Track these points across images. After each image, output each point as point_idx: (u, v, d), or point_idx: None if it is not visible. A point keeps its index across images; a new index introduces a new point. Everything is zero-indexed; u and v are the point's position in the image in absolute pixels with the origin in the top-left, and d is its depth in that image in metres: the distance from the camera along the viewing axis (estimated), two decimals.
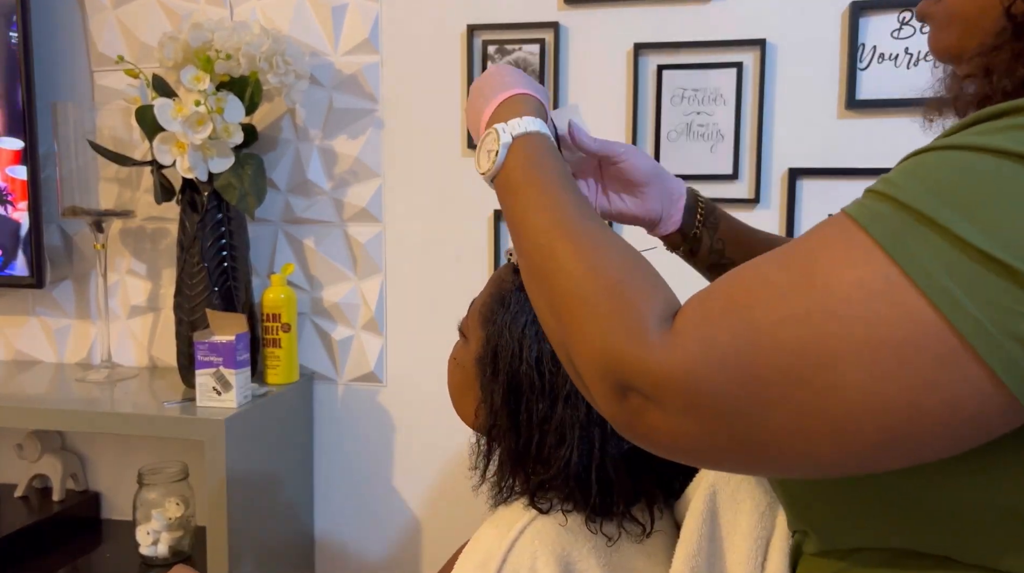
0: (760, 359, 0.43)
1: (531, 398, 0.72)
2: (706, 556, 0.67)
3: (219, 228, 1.34)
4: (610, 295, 0.49)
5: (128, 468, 1.53)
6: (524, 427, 0.72)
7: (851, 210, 0.47)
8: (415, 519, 1.50)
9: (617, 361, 0.47)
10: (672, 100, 1.32)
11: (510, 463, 0.74)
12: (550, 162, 0.62)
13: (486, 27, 1.37)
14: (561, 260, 0.53)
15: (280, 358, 1.39)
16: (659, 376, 0.45)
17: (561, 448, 0.71)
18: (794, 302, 0.43)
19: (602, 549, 0.71)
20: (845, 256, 0.44)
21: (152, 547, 1.36)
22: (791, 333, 0.43)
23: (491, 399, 0.74)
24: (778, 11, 1.28)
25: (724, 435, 0.44)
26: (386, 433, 1.49)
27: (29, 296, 1.59)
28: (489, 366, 0.75)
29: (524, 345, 0.72)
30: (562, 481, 0.71)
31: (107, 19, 1.49)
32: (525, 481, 0.73)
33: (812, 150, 1.29)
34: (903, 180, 0.45)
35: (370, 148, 1.43)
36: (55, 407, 1.27)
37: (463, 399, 0.81)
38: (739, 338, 0.44)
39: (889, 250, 0.42)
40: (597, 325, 0.48)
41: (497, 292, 0.78)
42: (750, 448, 0.45)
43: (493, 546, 0.70)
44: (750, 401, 0.43)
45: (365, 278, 1.47)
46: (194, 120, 1.23)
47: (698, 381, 0.44)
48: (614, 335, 0.47)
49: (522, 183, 0.61)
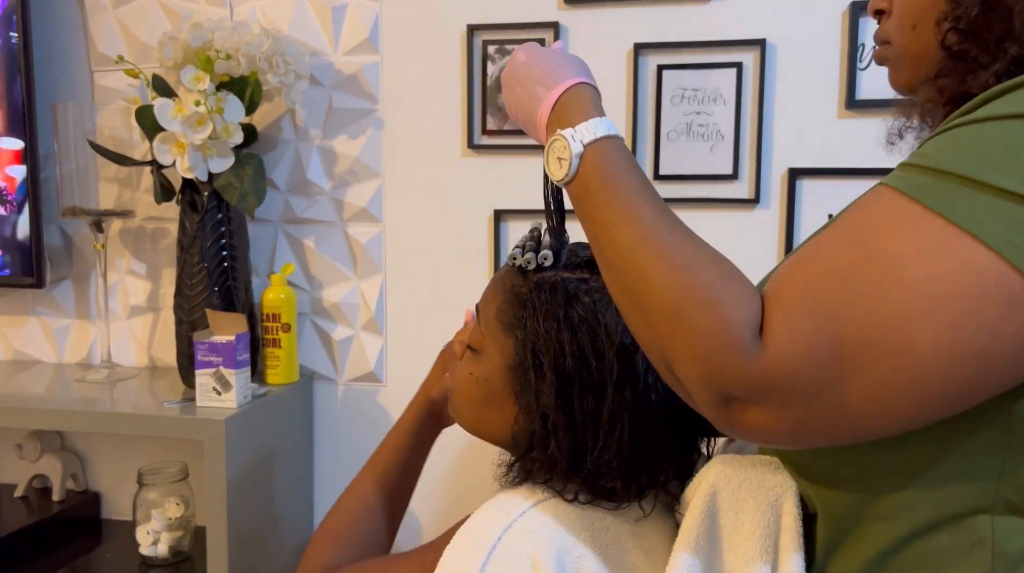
0: (841, 339, 0.47)
1: (581, 392, 0.72)
2: (705, 554, 0.67)
3: (219, 228, 1.34)
4: (702, 309, 0.52)
5: (128, 468, 1.53)
6: (580, 421, 0.72)
7: (894, 183, 0.50)
8: (415, 519, 1.50)
9: (719, 374, 0.51)
10: (672, 100, 1.32)
11: (567, 460, 0.72)
12: (627, 169, 0.62)
13: (486, 27, 1.37)
14: (652, 277, 0.55)
15: (280, 358, 1.38)
16: (758, 382, 0.49)
17: (614, 433, 0.71)
18: (862, 280, 0.47)
19: (599, 541, 0.71)
20: (899, 226, 0.48)
21: (152, 547, 1.36)
22: (865, 308, 0.46)
23: (537, 402, 0.73)
24: (778, 11, 1.28)
25: (817, 416, 0.49)
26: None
27: (29, 296, 1.59)
28: (532, 369, 0.73)
29: (564, 341, 0.72)
30: (616, 463, 0.71)
31: (107, 19, 1.49)
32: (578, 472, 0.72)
33: (812, 150, 1.29)
34: (940, 153, 0.49)
35: (370, 148, 1.43)
36: (55, 407, 1.27)
37: (485, 413, 0.79)
38: (820, 327, 0.48)
39: (943, 212, 0.46)
40: (696, 342, 0.52)
41: (511, 297, 0.77)
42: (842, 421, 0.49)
43: (489, 527, 0.70)
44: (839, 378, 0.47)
45: (365, 278, 1.47)
46: (194, 120, 1.23)
47: (791, 376, 0.48)
48: (716, 353, 0.51)
49: (600, 195, 0.61)
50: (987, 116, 0.49)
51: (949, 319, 0.45)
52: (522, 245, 0.80)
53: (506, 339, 0.76)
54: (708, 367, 0.51)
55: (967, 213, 0.45)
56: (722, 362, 0.50)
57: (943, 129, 0.51)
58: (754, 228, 1.32)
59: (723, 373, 0.50)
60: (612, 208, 0.59)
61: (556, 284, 0.75)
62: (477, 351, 0.80)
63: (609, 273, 0.60)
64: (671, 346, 0.53)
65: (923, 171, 0.49)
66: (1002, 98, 0.49)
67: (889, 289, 0.46)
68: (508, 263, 0.81)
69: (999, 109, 0.49)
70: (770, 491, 0.66)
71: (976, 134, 0.48)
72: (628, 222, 0.58)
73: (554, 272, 0.76)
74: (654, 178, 1.34)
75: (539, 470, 0.75)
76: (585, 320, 0.72)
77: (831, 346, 0.47)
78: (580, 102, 0.67)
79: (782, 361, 0.48)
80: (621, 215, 0.59)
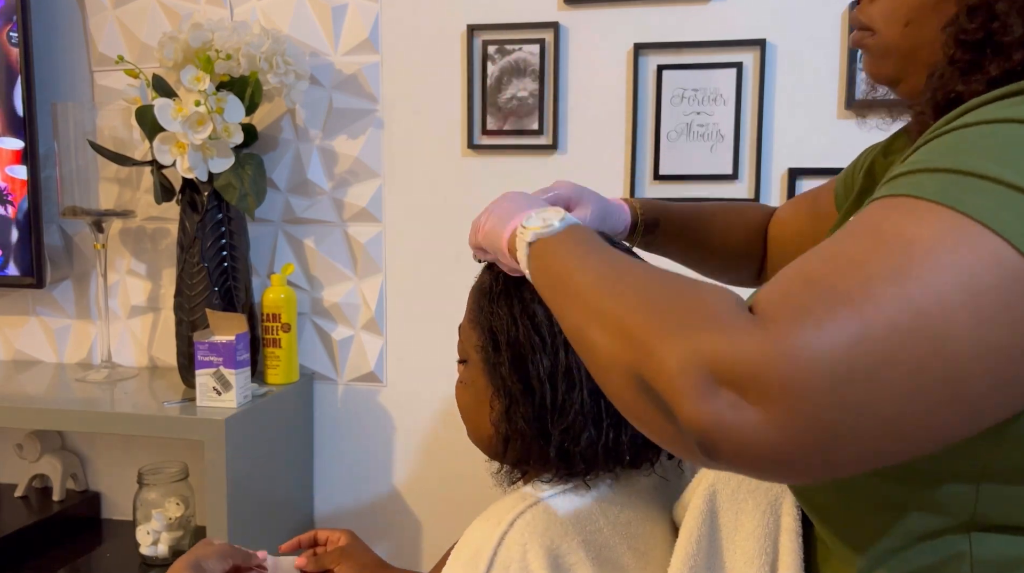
0: (863, 324, 0.39)
1: (535, 356, 0.74)
2: (705, 556, 0.67)
3: (219, 228, 1.34)
4: (678, 297, 0.45)
5: (128, 468, 1.53)
6: (537, 385, 0.74)
7: (887, 192, 0.46)
8: (415, 519, 1.50)
9: (705, 351, 0.41)
10: (672, 100, 1.32)
11: (531, 428, 0.75)
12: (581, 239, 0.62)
13: (486, 27, 1.37)
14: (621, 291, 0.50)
15: (280, 358, 1.39)
16: (758, 359, 0.39)
17: (574, 391, 0.73)
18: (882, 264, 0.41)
19: (591, 544, 0.71)
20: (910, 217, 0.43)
21: (152, 547, 1.36)
22: (891, 290, 0.40)
23: (500, 377, 0.76)
24: (778, 11, 1.28)
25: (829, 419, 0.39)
26: (386, 433, 1.49)
27: (29, 296, 1.59)
28: (491, 348, 0.77)
29: (515, 313, 0.76)
30: (581, 423, 0.73)
31: (107, 19, 1.49)
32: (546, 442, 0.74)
33: (812, 150, 1.29)
34: (933, 156, 0.46)
35: (370, 148, 1.43)
36: (55, 407, 1.27)
37: (478, 415, 0.80)
38: (836, 311, 0.40)
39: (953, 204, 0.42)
40: (674, 326, 0.43)
41: (478, 294, 0.82)
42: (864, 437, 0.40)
43: (483, 541, 0.70)
44: (865, 380, 0.39)
45: (365, 278, 1.47)
46: (194, 120, 1.23)
47: (806, 366, 0.39)
48: (697, 328, 0.42)
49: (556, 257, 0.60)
50: (977, 121, 0.46)
51: (983, 311, 0.40)
52: None
53: (477, 334, 0.79)
54: (689, 347, 0.42)
55: (978, 205, 0.41)
56: (708, 336, 0.41)
57: (925, 140, 0.48)
58: None
59: (705, 344, 0.41)
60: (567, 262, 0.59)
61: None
62: (464, 361, 0.83)
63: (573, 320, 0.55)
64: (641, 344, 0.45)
65: (918, 173, 0.45)
66: (989, 105, 0.47)
67: (914, 272, 0.40)
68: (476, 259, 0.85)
69: (989, 114, 0.46)
70: (769, 491, 0.66)
71: (968, 136, 0.45)
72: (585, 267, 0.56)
73: None
74: (654, 178, 1.34)
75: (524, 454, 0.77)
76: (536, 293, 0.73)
77: (849, 332, 0.39)
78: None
79: (790, 343, 0.39)
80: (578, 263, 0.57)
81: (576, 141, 1.37)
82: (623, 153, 1.35)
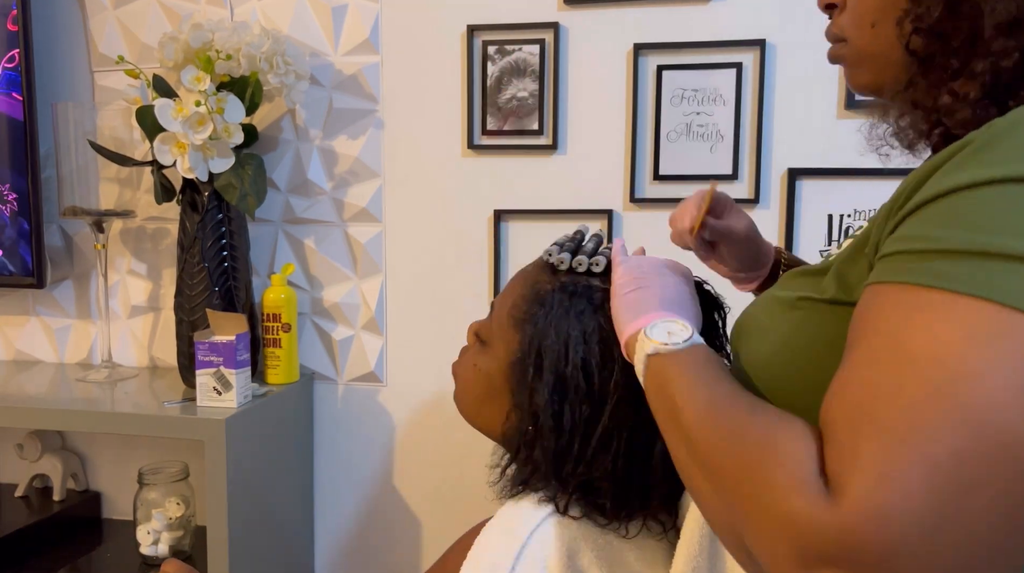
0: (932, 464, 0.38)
1: (575, 401, 0.70)
2: (707, 557, 0.67)
3: (219, 228, 1.34)
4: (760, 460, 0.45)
5: (128, 468, 1.53)
6: (569, 428, 0.70)
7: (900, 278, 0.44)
8: (415, 519, 1.50)
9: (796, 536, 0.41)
10: (672, 100, 1.32)
11: (548, 464, 0.71)
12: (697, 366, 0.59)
13: (486, 27, 1.37)
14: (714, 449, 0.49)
15: (280, 358, 1.39)
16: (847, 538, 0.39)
17: (606, 454, 0.69)
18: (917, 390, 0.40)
19: (604, 559, 0.71)
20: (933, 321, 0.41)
21: (152, 547, 1.36)
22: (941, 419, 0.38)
23: (530, 400, 0.72)
24: (778, 11, 1.28)
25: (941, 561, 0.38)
26: (386, 433, 1.50)
27: (29, 296, 1.59)
28: (532, 367, 0.72)
29: (570, 346, 0.70)
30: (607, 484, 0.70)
31: (107, 19, 1.49)
32: (562, 481, 0.71)
33: (812, 150, 1.29)
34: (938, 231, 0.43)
35: (370, 148, 1.44)
36: (55, 407, 1.27)
37: (485, 406, 0.78)
38: (910, 465, 0.38)
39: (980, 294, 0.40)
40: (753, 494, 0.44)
41: (531, 293, 0.75)
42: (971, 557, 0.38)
43: (501, 554, 0.69)
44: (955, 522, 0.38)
45: (365, 278, 1.47)
46: (194, 120, 1.23)
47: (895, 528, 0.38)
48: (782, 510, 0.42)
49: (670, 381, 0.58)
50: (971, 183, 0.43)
51: None
52: (560, 243, 0.78)
53: (514, 334, 0.75)
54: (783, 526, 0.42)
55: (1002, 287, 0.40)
56: (791, 510, 0.41)
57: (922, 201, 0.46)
58: None
59: (802, 531, 0.40)
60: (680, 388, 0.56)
61: (581, 289, 0.73)
62: (485, 343, 0.79)
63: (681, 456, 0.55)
64: (736, 511, 0.46)
65: (929, 256, 0.43)
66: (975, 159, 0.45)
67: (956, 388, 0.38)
68: (541, 258, 0.79)
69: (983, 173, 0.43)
70: None
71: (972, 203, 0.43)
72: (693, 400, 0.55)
73: (585, 278, 0.74)
74: (654, 178, 1.34)
75: (531, 475, 0.74)
76: (601, 329, 0.70)
77: (919, 477, 0.38)
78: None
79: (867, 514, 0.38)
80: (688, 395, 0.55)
81: (576, 141, 1.37)
82: (623, 153, 1.35)
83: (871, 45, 0.58)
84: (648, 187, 1.35)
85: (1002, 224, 0.42)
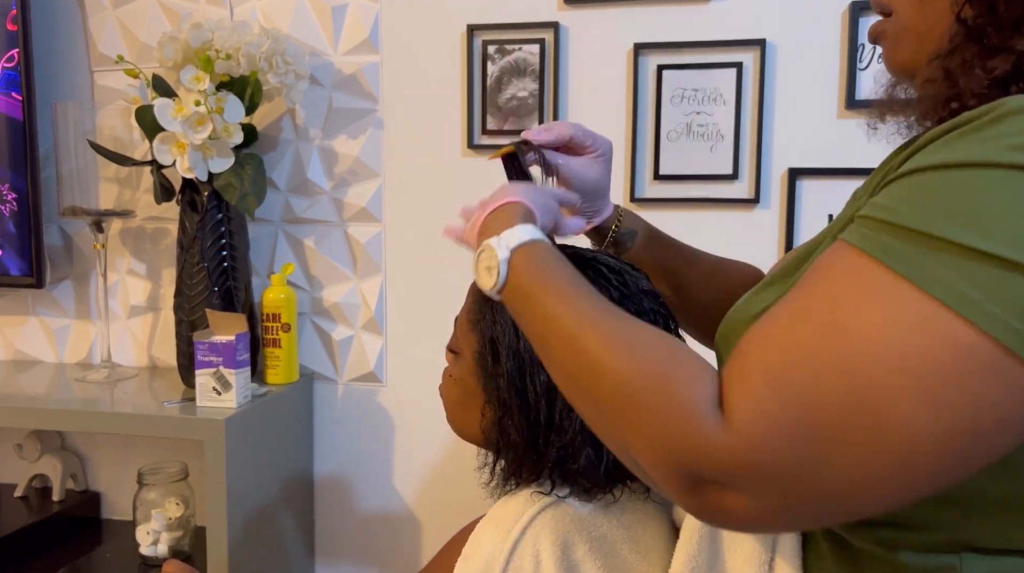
0: (814, 419, 0.44)
1: (534, 371, 0.73)
2: (707, 556, 0.67)
3: (219, 228, 1.34)
4: (659, 392, 0.49)
5: (128, 468, 1.53)
6: (533, 400, 0.73)
7: (856, 241, 0.47)
8: (415, 519, 1.50)
9: (685, 458, 0.47)
10: (672, 100, 1.32)
11: (524, 442, 0.74)
12: (555, 267, 0.61)
13: (486, 27, 1.37)
14: (599, 365, 0.52)
15: (280, 358, 1.38)
16: (728, 463, 0.45)
17: (573, 410, 0.71)
18: (829, 356, 0.44)
19: (598, 551, 0.71)
20: (867, 295, 0.45)
21: (152, 547, 1.36)
22: (835, 386, 0.44)
23: (496, 387, 0.75)
24: (778, 11, 1.28)
25: (799, 500, 0.45)
26: (386, 433, 1.49)
27: (29, 296, 1.59)
28: (490, 357, 0.76)
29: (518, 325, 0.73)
30: (580, 443, 0.72)
31: (107, 19, 1.49)
32: (540, 455, 0.73)
33: (812, 150, 1.29)
34: (904, 206, 0.46)
35: (370, 148, 1.43)
36: (55, 407, 1.27)
37: (465, 413, 0.80)
38: (788, 405, 0.44)
39: (912, 279, 0.43)
40: (656, 426, 0.48)
41: (479, 296, 0.80)
42: (824, 504, 0.45)
43: (494, 549, 0.69)
44: (816, 461, 0.44)
45: (365, 278, 1.47)
46: (194, 120, 1.23)
47: (764, 456, 0.45)
48: (676, 434, 0.47)
49: (533, 293, 0.60)
50: (953, 162, 0.46)
51: (927, 394, 0.42)
52: None
53: (473, 336, 0.79)
54: (668, 450, 0.48)
55: (936, 278, 0.43)
56: (683, 443, 0.47)
57: (907, 171, 0.48)
58: (754, 228, 1.32)
59: (685, 455, 0.47)
60: (547, 305, 0.58)
61: None
62: (456, 353, 0.83)
63: (556, 369, 0.58)
64: (628, 433, 0.51)
65: (886, 228, 0.46)
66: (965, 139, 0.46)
67: (862, 368, 0.43)
68: None
69: (966, 154, 0.45)
70: None
71: (941, 185, 0.46)
72: (566, 314, 0.56)
73: None
74: (654, 178, 1.34)
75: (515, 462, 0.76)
76: None
77: (803, 427, 0.44)
78: (508, 215, 0.66)
79: (750, 443, 0.45)
80: (558, 309, 0.57)
81: None
82: (623, 153, 1.35)
83: (917, 20, 0.59)
84: (648, 187, 1.35)
85: (956, 210, 0.44)
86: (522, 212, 0.67)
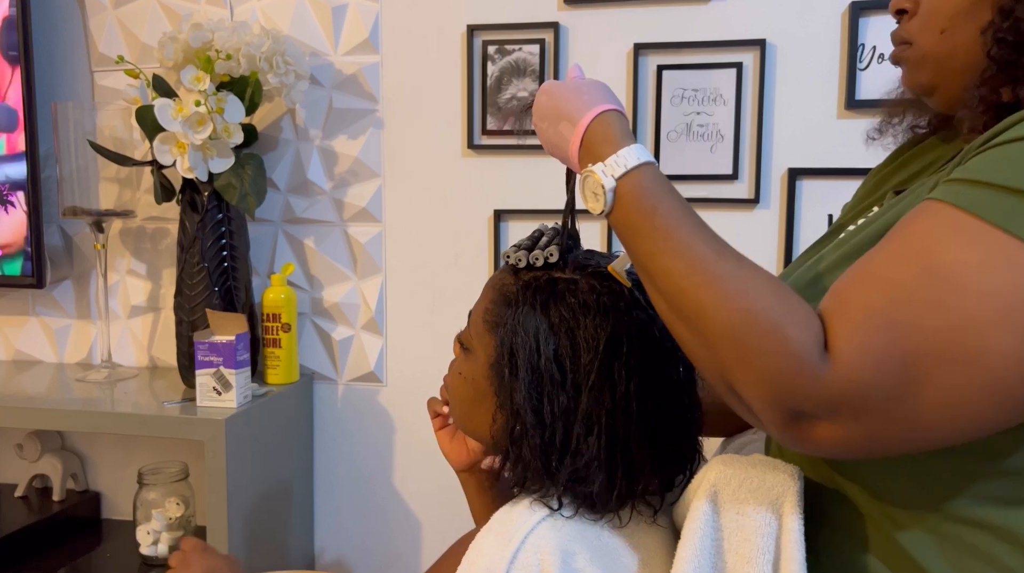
0: (915, 352, 0.48)
1: (553, 391, 0.71)
2: (709, 557, 0.67)
3: (219, 228, 1.34)
4: (773, 335, 0.52)
5: (128, 468, 1.53)
6: (550, 421, 0.71)
7: (947, 198, 0.51)
8: (415, 519, 1.50)
9: (792, 396, 0.51)
10: (672, 100, 1.32)
11: (537, 460, 0.72)
12: (664, 197, 0.61)
13: (486, 27, 1.37)
14: (708, 305, 0.55)
15: (280, 358, 1.39)
16: (829, 398, 0.50)
17: (590, 436, 0.70)
18: (928, 294, 0.49)
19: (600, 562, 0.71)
20: (961, 241, 0.49)
21: (152, 547, 1.36)
22: (934, 322, 0.48)
23: (511, 399, 0.73)
24: (778, 11, 1.28)
25: (890, 427, 0.50)
26: (386, 433, 1.49)
27: (29, 296, 1.59)
28: (507, 367, 0.73)
29: (540, 340, 0.72)
30: (596, 469, 0.71)
31: (107, 19, 1.49)
32: (552, 476, 0.72)
33: (812, 150, 1.29)
34: (991, 168, 0.51)
35: (370, 148, 1.43)
36: (55, 407, 1.27)
37: (474, 413, 0.79)
38: (890, 341, 0.49)
39: (1003, 225, 0.48)
40: (767, 367, 0.52)
41: (499, 296, 0.77)
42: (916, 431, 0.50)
43: (495, 558, 0.69)
44: (914, 392, 0.49)
45: (365, 278, 1.47)
46: (194, 120, 1.23)
47: (864, 389, 0.49)
48: (786, 375, 0.51)
49: (641, 226, 0.60)
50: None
51: (1018, 327, 0.47)
52: (519, 244, 0.80)
53: (490, 338, 0.76)
54: (776, 388, 0.51)
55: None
56: (792, 382, 0.51)
57: (985, 147, 0.52)
58: (754, 228, 1.32)
59: (793, 393, 0.51)
60: (654, 238, 0.59)
61: (543, 284, 0.74)
62: (468, 350, 0.80)
63: (661, 301, 0.59)
64: (733, 370, 0.54)
65: (975, 185, 0.50)
66: None
67: (956, 301, 0.48)
68: (502, 261, 0.81)
69: None
70: (771, 491, 0.66)
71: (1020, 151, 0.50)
72: (674, 251, 0.57)
73: (544, 272, 0.76)
74: None
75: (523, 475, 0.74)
76: (566, 321, 0.72)
77: (902, 358, 0.48)
78: (606, 132, 0.65)
79: (854, 375, 0.49)
80: (665, 244, 0.58)
81: None
82: None
83: (937, 49, 0.64)
84: None
85: None
86: (622, 127, 0.66)
